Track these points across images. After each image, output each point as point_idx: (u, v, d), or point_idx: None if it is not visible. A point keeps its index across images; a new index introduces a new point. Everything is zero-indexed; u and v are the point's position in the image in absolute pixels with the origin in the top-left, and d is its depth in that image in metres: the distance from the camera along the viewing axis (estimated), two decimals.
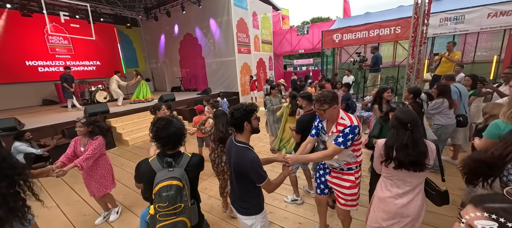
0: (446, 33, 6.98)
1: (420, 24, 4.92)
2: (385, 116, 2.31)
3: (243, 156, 1.45)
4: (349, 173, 1.88)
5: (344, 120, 1.70)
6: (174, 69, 13.16)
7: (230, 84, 10.73)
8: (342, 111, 1.75)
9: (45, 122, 5.58)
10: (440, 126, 3.11)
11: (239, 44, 10.33)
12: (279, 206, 2.88)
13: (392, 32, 7.50)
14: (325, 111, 1.70)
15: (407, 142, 1.36)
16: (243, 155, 1.45)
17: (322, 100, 1.68)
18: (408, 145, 1.35)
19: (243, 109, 1.47)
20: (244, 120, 1.47)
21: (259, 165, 1.44)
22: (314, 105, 1.78)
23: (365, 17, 9.20)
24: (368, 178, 3.23)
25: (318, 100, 1.70)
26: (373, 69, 6.37)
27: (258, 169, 1.43)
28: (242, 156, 1.45)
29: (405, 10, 8.21)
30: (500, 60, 7.34)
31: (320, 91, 1.74)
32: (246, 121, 1.48)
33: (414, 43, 5.11)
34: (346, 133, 1.65)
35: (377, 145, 1.58)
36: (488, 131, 1.69)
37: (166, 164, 1.32)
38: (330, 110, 1.70)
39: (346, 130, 1.65)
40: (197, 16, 10.82)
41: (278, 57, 14.22)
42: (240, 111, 1.46)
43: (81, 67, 11.13)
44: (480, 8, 6.30)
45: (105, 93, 8.78)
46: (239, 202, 1.61)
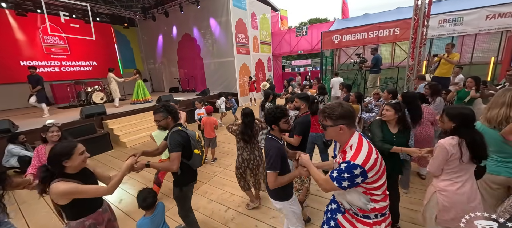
0: (445, 35, 7.02)
1: (420, 25, 4.92)
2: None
3: (268, 144, 1.71)
4: (364, 222, 1.35)
5: (350, 150, 1.24)
6: (172, 70, 13.05)
7: (229, 85, 10.66)
8: (359, 138, 1.26)
9: (40, 124, 5.45)
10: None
11: (238, 45, 10.28)
12: None
13: (391, 33, 7.52)
14: (326, 129, 1.31)
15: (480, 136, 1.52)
16: (268, 144, 1.71)
17: (327, 113, 1.28)
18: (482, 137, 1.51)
19: (272, 114, 1.74)
20: (273, 123, 1.75)
21: (278, 155, 1.63)
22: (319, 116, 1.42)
23: (364, 19, 9.22)
24: None
25: (323, 112, 1.31)
26: (373, 70, 6.37)
27: (273, 156, 1.62)
28: (268, 144, 1.71)
29: (403, 12, 8.24)
30: (497, 62, 7.40)
31: (330, 103, 1.37)
32: (274, 124, 1.76)
33: (414, 44, 5.12)
34: (340, 169, 1.21)
35: (441, 146, 1.55)
36: None
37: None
38: (335, 130, 1.27)
39: (342, 165, 1.21)
40: (195, 16, 10.74)
41: (276, 58, 14.20)
42: (270, 116, 1.75)
43: (77, 68, 10.96)
44: (479, 10, 6.35)
45: (101, 94, 8.64)
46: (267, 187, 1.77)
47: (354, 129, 1.29)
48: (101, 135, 5.50)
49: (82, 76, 10.83)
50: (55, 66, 10.10)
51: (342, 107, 1.25)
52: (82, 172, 1.55)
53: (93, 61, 11.48)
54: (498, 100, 1.72)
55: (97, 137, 5.40)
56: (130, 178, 3.91)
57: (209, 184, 3.63)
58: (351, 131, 1.27)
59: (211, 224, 2.69)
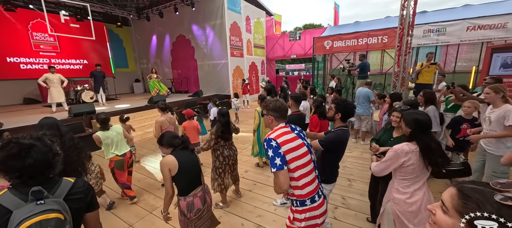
0: (429, 44, 7.34)
1: (405, 34, 5.16)
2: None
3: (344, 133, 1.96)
4: (291, 208, 1.55)
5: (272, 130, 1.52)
6: (165, 71, 12.98)
7: (222, 87, 10.71)
8: (282, 127, 1.49)
9: (26, 122, 5.33)
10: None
11: (232, 48, 10.37)
12: (268, 210, 2.89)
13: (379, 41, 7.79)
14: (263, 116, 1.60)
15: (436, 142, 1.53)
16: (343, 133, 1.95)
17: (266, 104, 1.56)
18: (438, 145, 1.53)
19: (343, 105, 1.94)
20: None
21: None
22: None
23: (355, 26, 9.51)
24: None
25: (265, 101, 1.60)
26: (360, 76, 6.59)
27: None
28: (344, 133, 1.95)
29: (392, 21, 8.57)
30: (478, 71, 7.80)
31: (267, 99, 1.62)
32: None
33: (399, 52, 5.35)
34: (266, 148, 1.42)
35: (393, 150, 1.56)
36: None
37: (33, 195, 0.87)
38: (266, 118, 1.56)
39: (264, 143, 1.45)
40: (190, 18, 10.78)
41: (270, 61, 14.37)
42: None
43: (67, 66, 10.74)
44: (460, 21, 6.70)
45: (91, 93, 8.50)
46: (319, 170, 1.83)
47: (282, 121, 1.53)
48: (89, 134, 5.41)
49: (72, 75, 10.60)
50: (44, 63, 9.86)
51: (276, 103, 1.52)
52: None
53: (83, 59, 11.28)
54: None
55: (86, 136, 5.33)
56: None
57: None
58: (278, 122, 1.52)
59: None
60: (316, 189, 1.51)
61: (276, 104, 1.51)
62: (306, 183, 1.45)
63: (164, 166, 1.70)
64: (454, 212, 0.66)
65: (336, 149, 1.96)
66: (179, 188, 1.81)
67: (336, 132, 1.95)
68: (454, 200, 0.66)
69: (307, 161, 1.47)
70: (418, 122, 1.55)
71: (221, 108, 2.99)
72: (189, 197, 1.78)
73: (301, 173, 1.43)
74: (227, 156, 2.85)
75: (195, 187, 1.83)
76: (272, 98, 1.55)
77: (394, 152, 1.57)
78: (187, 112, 4.17)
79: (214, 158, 2.89)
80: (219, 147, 2.84)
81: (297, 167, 1.42)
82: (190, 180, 1.81)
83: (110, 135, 2.96)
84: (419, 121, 1.55)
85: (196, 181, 1.85)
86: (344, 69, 7.71)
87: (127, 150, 3.13)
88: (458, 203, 0.65)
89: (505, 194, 0.58)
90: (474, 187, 0.64)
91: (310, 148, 1.57)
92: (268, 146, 1.39)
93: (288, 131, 1.48)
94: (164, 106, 3.52)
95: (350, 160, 4.32)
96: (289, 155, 1.39)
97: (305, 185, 1.44)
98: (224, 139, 2.83)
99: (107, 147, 2.96)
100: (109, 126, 3.03)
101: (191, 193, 1.80)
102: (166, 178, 1.73)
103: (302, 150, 1.46)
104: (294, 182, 1.43)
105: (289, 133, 1.47)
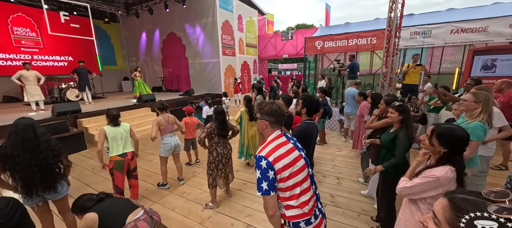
0: (416, 46, 7.59)
1: (392, 36, 5.29)
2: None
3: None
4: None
5: (262, 146, 1.31)
6: (155, 69, 12.72)
7: (213, 86, 10.62)
8: (276, 136, 1.32)
9: (4, 121, 5.05)
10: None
11: (224, 46, 10.29)
12: (258, 209, 2.89)
13: (369, 42, 7.96)
14: (256, 119, 1.41)
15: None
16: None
17: (260, 107, 1.37)
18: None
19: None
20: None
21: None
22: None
23: (345, 27, 9.68)
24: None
25: (258, 105, 1.41)
26: (350, 76, 6.72)
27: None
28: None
29: (381, 23, 8.77)
30: (461, 72, 8.13)
31: (262, 101, 1.46)
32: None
33: (387, 53, 5.48)
34: (256, 168, 1.26)
35: (436, 178, 1.24)
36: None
37: None
38: (260, 123, 1.36)
39: (254, 160, 1.28)
40: (181, 15, 10.60)
41: (262, 61, 14.38)
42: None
43: (50, 63, 10.28)
44: (445, 24, 6.96)
45: (77, 91, 8.19)
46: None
47: (277, 128, 1.35)
48: (74, 134, 5.23)
49: (56, 72, 10.17)
50: (26, 60, 9.38)
51: (272, 107, 1.33)
52: None
53: (68, 56, 10.85)
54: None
55: (70, 136, 5.13)
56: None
57: (188, 184, 3.61)
58: (274, 129, 1.34)
59: (187, 223, 2.68)
60: (313, 209, 1.33)
61: (272, 107, 1.33)
62: (303, 202, 1.28)
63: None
64: (446, 226, 0.62)
65: (303, 140, 1.85)
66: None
67: (301, 125, 2.11)
68: (446, 212, 0.63)
69: (304, 177, 1.31)
70: (462, 140, 1.24)
71: (217, 106, 3.00)
72: (130, 224, 1.53)
73: (298, 191, 1.27)
74: (221, 153, 2.84)
75: (129, 214, 1.57)
76: (268, 101, 1.39)
77: (434, 177, 1.24)
78: (187, 109, 4.26)
79: (208, 153, 2.90)
80: (213, 143, 2.84)
81: (295, 184, 1.26)
82: (119, 214, 1.56)
83: (117, 132, 2.84)
84: (462, 139, 1.24)
85: (126, 211, 1.59)
86: (335, 70, 7.83)
87: (131, 149, 2.93)
88: (451, 215, 0.61)
89: (500, 205, 0.54)
90: (466, 197, 0.61)
91: (307, 160, 1.39)
92: (257, 166, 1.24)
93: (284, 142, 1.30)
94: (162, 106, 3.44)
95: (339, 158, 4.39)
96: (285, 171, 1.23)
97: (302, 205, 1.27)
98: (221, 136, 2.84)
99: (113, 143, 2.82)
100: (119, 123, 2.91)
101: (128, 220, 1.54)
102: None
103: (300, 164, 1.29)
104: (290, 202, 1.27)
105: (285, 144, 1.29)
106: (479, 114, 1.94)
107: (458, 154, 1.27)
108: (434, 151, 1.34)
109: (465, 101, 2.04)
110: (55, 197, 2.11)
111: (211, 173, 2.88)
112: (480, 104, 1.95)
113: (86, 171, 4.18)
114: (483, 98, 1.95)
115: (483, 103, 1.94)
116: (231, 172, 3.11)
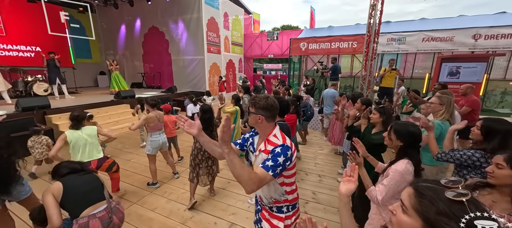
0: (392, 51, 8.09)
1: (371, 41, 5.59)
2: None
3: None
4: (277, 217, 1.43)
5: (277, 138, 1.32)
6: (135, 64, 12.12)
7: (198, 83, 10.39)
8: (279, 131, 1.37)
9: None
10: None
11: (209, 44, 10.11)
12: (241, 207, 2.90)
13: (350, 46, 8.33)
14: (249, 114, 1.37)
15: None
16: None
17: (254, 101, 1.34)
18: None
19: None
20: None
21: None
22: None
23: (328, 30, 10.03)
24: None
25: (252, 99, 1.37)
26: (332, 77, 6.99)
27: None
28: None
29: (361, 28, 9.22)
30: (430, 77, 8.85)
31: (256, 95, 1.41)
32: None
33: (366, 57, 5.78)
34: (276, 153, 1.23)
35: (398, 172, 1.40)
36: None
37: None
38: (254, 118, 1.33)
39: (276, 149, 1.25)
40: (164, 9, 10.22)
41: (248, 60, 14.37)
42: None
43: (14, 52, 9.31)
44: (417, 33, 7.51)
45: (46, 85, 7.54)
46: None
47: (273, 122, 1.36)
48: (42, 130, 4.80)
49: (21, 63, 9.25)
50: None
51: (267, 101, 1.31)
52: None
53: (36, 46, 9.91)
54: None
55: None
56: None
57: (169, 183, 3.50)
58: (270, 123, 1.34)
59: (169, 224, 2.61)
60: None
61: (267, 102, 1.31)
62: (296, 187, 1.46)
63: (46, 194, 1.55)
64: (412, 211, 0.69)
65: None
66: (68, 213, 1.62)
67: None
68: (411, 199, 0.70)
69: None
70: (414, 135, 1.47)
71: (204, 104, 2.94)
72: (82, 219, 1.57)
73: (295, 176, 1.45)
74: (199, 148, 2.80)
75: (88, 206, 1.64)
76: (263, 95, 1.37)
77: (397, 173, 1.40)
78: (165, 107, 4.06)
79: (194, 150, 2.84)
80: (197, 140, 2.76)
81: (294, 173, 1.41)
82: (80, 201, 1.64)
83: (79, 137, 2.58)
84: (415, 135, 1.47)
85: (89, 200, 1.67)
86: (318, 71, 8.09)
87: (96, 157, 2.68)
88: (415, 201, 0.68)
89: (455, 190, 0.62)
90: (428, 185, 0.69)
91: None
92: (283, 153, 1.23)
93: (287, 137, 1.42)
94: (154, 102, 3.34)
95: (321, 157, 4.55)
96: (293, 162, 1.35)
97: (296, 189, 1.46)
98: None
99: (73, 150, 2.56)
100: (82, 125, 2.64)
101: (83, 214, 1.59)
102: (49, 204, 1.53)
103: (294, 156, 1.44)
104: (291, 187, 1.40)
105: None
106: (442, 114, 2.22)
107: (413, 148, 1.47)
108: (393, 145, 1.55)
109: (432, 103, 2.30)
110: (18, 197, 1.95)
111: (195, 165, 2.83)
112: (444, 106, 2.22)
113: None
114: (446, 101, 2.23)
115: (446, 105, 2.22)
116: (215, 164, 3.01)
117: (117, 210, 1.80)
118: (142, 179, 3.54)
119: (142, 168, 3.93)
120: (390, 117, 2.23)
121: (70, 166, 1.76)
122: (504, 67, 8.45)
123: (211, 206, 2.90)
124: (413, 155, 1.46)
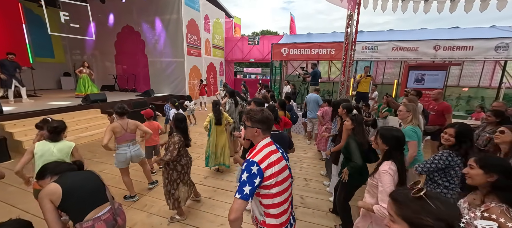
0: (366, 59, 8.67)
1: (349, 48, 5.92)
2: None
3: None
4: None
5: (253, 151, 1.29)
6: (106, 65, 11.22)
7: (177, 87, 9.96)
8: (267, 142, 1.31)
9: None
10: None
11: (189, 46, 9.80)
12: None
13: (328, 52, 8.74)
14: (245, 127, 1.36)
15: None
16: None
17: (249, 115, 1.32)
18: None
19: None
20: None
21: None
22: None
23: (308, 37, 10.42)
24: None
25: (247, 113, 1.36)
26: (312, 82, 7.24)
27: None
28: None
29: (337, 36, 9.76)
30: (399, 83, 9.68)
31: (251, 109, 1.39)
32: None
33: (344, 63, 6.09)
34: (242, 170, 1.22)
35: (387, 173, 1.51)
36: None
37: None
38: (251, 131, 1.32)
39: (243, 165, 1.23)
40: (140, 8, 9.66)
41: (229, 63, 14.25)
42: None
43: None
44: (387, 42, 8.17)
45: None
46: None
47: (268, 134, 1.34)
48: None
49: None
50: None
51: (263, 113, 1.31)
52: None
53: None
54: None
55: None
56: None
57: (149, 195, 3.24)
58: (265, 135, 1.32)
59: None
60: (289, 218, 1.37)
61: (263, 115, 1.29)
62: (282, 211, 1.30)
63: (43, 198, 1.37)
64: (397, 217, 0.78)
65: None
66: (71, 216, 1.47)
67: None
68: (392, 207, 0.81)
69: (287, 186, 1.32)
70: (398, 139, 1.59)
71: (178, 113, 2.66)
72: (87, 223, 1.45)
73: (280, 199, 1.28)
74: (185, 164, 2.61)
75: (94, 208, 1.52)
76: (258, 108, 1.34)
77: (387, 174, 1.51)
78: (146, 113, 3.70)
79: (169, 170, 2.49)
80: (177, 156, 2.50)
81: (278, 193, 1.26)
82: (85, 203, 1.50)
83: (48, 151, 2.13)
84: (398, 138, 1.60)
85: (93, 202, 1.54)
86: (299, 76, 8.32)
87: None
88: (395, 208, 0.80)
89: (414, 188, 0.77)
90: (401, 191, 0.83)
91: (291, 171, 1.40)
92: (246, 169, 1.19)
93: (275, 150, 1.30)
94: (122, 110, 2.94)
95: (306, 161, 4.63)
96: (271, 180, 1.23)
97: (281, 214, 1.30)
98: (186, 146, 2.61)
99: (38, 162, 2.10)
100: (60, 139, 2.21)
101: (88, 217, 1.47)
102: (48, 212, 1.37)
103: (285, 174, 1.31)
104: (271, 210, 1.27)
105: (275, 152, 1.29)
106: (410, 120, 2.46)
107: (397, 151, 1.60)
108: (379, 148, 1.71)
109: (400, 111, 2.55)
110: None
111: (173, 192, 2.53)
112: (410, 113, 2.46)
113: (11, 188, 3.32)
114: (411, 108, 2.47)
115: (412, 112, 2.46)
116: (188, 173, 2.75)
117: (120, 211, 1.68)
118: (118, 192, 3.22)
119: (117, 180, 3.56)
120: (360, 124, 2.41)
121: (62, 165, 1.60)
122: (458, 75, 9.62)
123: (198, 218, 2.74)
124: (397, 157, 1.59)
